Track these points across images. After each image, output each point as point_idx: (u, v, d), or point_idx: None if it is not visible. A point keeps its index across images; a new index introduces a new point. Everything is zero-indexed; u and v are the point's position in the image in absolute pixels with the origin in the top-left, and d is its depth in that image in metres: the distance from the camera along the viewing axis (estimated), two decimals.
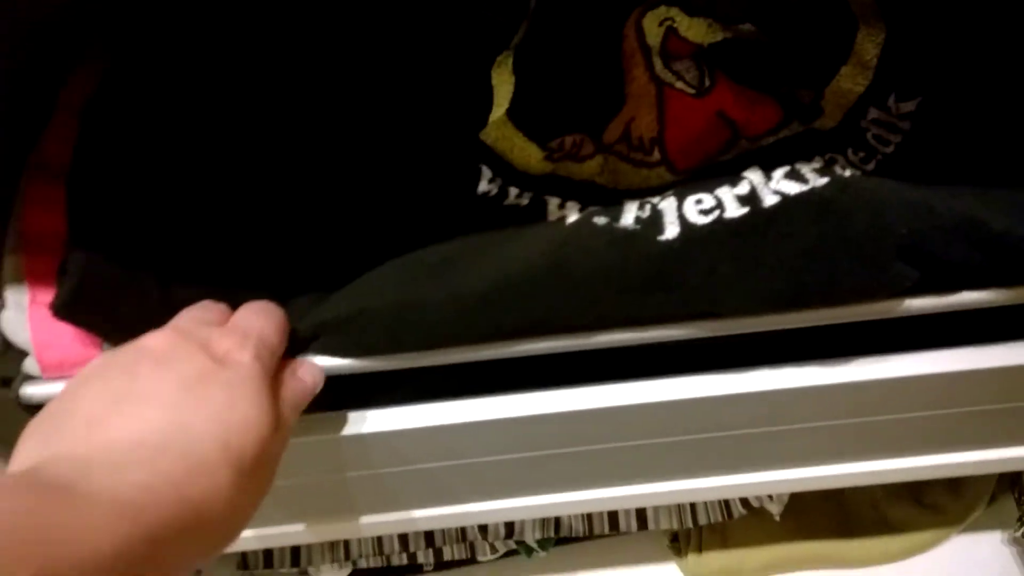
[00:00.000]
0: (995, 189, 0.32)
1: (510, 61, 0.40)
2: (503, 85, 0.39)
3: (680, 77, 0.35)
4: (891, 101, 0.34)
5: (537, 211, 0.33)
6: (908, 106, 0.34)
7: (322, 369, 0.32)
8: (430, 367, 0.32)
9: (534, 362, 0.33)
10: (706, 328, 0.31)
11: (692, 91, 0.34)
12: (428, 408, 0.34)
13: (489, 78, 0.40)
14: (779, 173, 0.31)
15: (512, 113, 0.37)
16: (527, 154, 0.36)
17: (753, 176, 0.32)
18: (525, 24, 0.40)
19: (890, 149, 0.33)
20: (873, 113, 0.34)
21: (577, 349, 0.32)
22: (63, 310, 0.32)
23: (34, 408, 0.32)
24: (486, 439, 0.35)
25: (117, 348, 0.28)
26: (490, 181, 0.36)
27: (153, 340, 0.27)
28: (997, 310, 0.32)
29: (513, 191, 0.35)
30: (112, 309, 0.32)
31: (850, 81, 0.34)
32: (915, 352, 0.33)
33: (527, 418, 0.34)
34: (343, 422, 0.35)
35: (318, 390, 0.32)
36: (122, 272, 0.32)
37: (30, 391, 0.33)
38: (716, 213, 0.31)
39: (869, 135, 0.33)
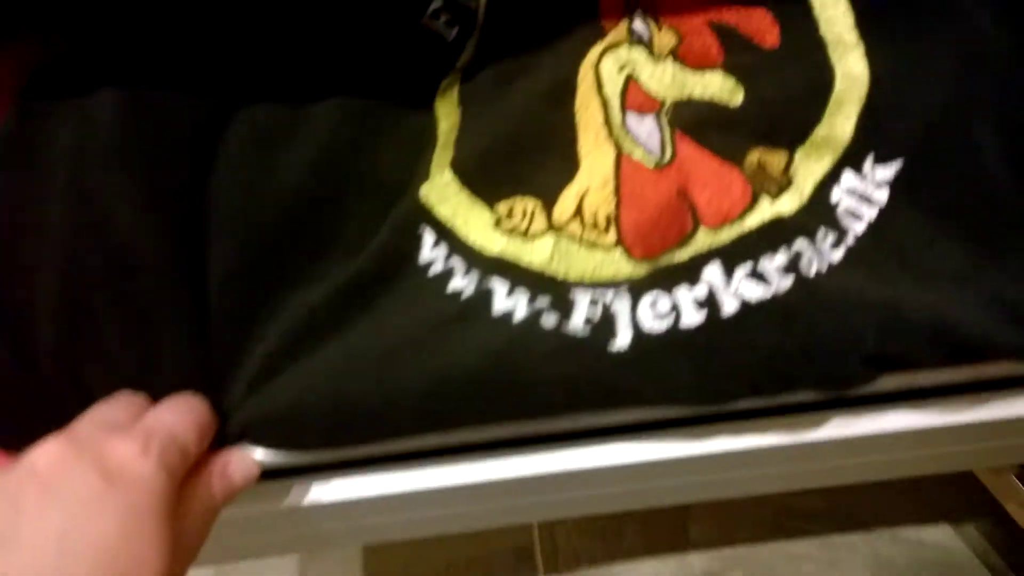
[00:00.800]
0: (978, 271, 0.29)
1: (456, 90, 0.36)
2: (447, 118, 0.36)
3: (639, 143, 0.31)
4: (868, 165, 0.31)
5: (482, 302, 0.31)
6: (886, 172, 0.30)
7: (255, 463, 0.31)
8: None
9: None
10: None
11: (652, 162, 0.31)
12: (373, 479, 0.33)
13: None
14: (740, 273, 0.29)
15: (456, 163, 0.34)
16: (474, 224, 0.33)
17: (713, 276, 0.29)
18: (474, 40, 0.36)
19: (862, 227, 0.30)
20: (847, 179, 0.30)
21: (520, 436, 0.31)
22: None
23: None
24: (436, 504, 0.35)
25: (5, 468, 0.26)
26: (434, 247, 0.33)
27: (43, 457, 0.25)
28: None
29: (458, 268, 0.32)
30: (22, 434, 0.30)
31: (827, 139, 0.31)
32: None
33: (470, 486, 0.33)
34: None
35: (251, 484, 0.31)
36: (29, 394, 0.31)
37: None
38: (672, 318, 0.29)
39: (840, 209, 0.30)
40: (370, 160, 0.35)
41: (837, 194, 0.30)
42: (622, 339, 0.29)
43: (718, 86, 0.31)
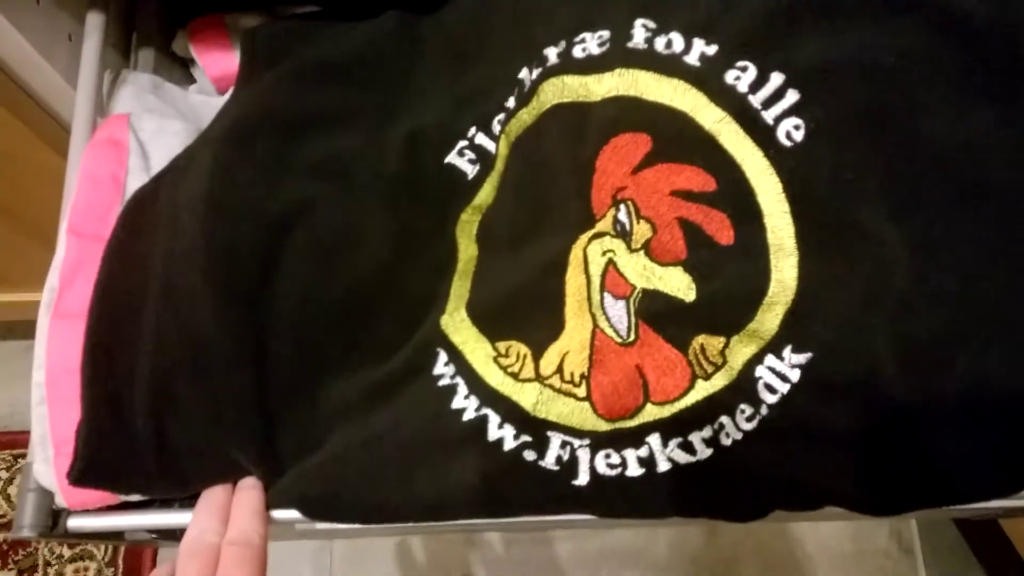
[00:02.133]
0: (871, 454, 0.39)
1: (475, 227, 0.44)
2: (466, 250, 0.44)
3: (611, 323, 0.40)
4: (787, 352, 0.40)
5: (480, 427, 0.41)
6: (800, 358, 0.40)
7: None
8: None
9: None
10: None
11: (619, 340, 0.40)
12: None
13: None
14: (673, 444, 0.39)
15: (470, 306, 0.43)
16: (478, 354, 0.42)
17: (653, 442, 0.39)
18: (492, 181, 0.44)
19: (775, 399, 0.39)
20: (769, 360, 0.40)
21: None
22: (76, 482, 0.41)
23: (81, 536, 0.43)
24: None
25: None
26: (445, 364, 0.43)
27: None
28: None
29: (461, 389, 0.42)
30: (115, 479, 0.41)
31: (756, 331, 0.39)
32: None
33: None
34: None
35: None
36: (122, 447, 0.41)
37: (73, 523, 0.44)
38: (620, 469, 0.39)
39: (761, 383, 0.39)
40: (404, 274, 0.44)
41: (759, 371, 0.39)
42: (582, 479, 0.39)
43: (676, 284, 0.39)
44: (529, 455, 0.39)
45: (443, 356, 0.42)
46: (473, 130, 0.46)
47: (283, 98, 0.45)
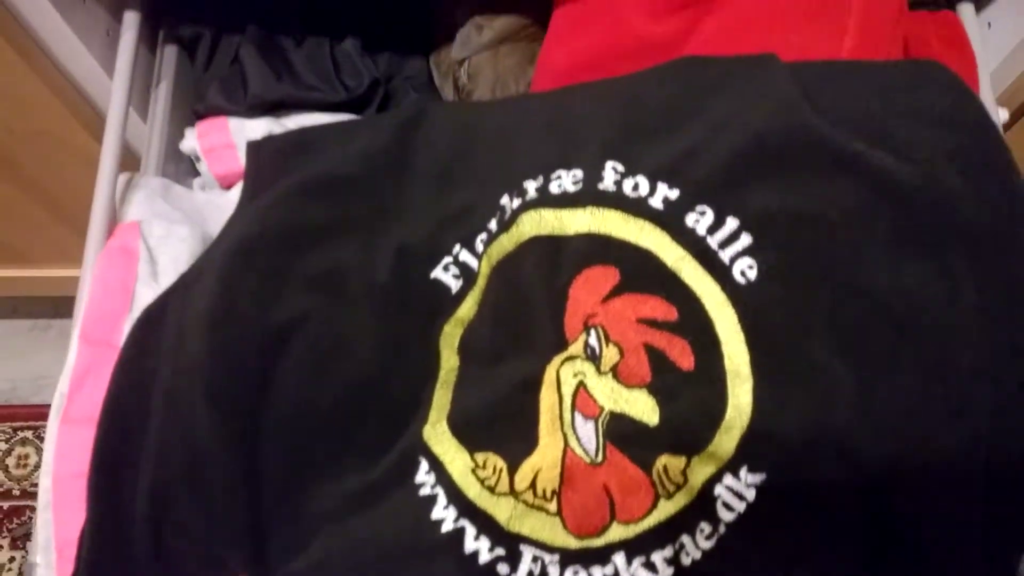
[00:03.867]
0: (823, 571, 0.42)
1: (457, 339, 0.48)
2: (448, 360, 0.48)
3: (580, 443, 0.43)
4: (743, 472, 0.43)
5: (457, 539, 0.44)
6: (756, 478, 0.43)
7: None
8: None
9: None
10: None
11: (588, 460, 0.43)
12: None
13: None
14: (637, 563, 0.42)
15: (451, 418, 0.46)
16: (457, 465, 0.45)
17: (618, 561, 0.42)
18: (474, 297, 0.48)
19: (733, 517, 0.43)
20: (727, 480, 0.43)
21: None
22: None
23: None
24: None
25: None
26: (426, 473, 0.46)
27: None
28: None
29: (440, 499, 0.45)
30: None
31: (715, 453, 0.43)
32: None
33: None
34: None
35: None
36: (122, 554, 0.44)
37: None
38: None
39: (719, 503, 0.43)
40: (390, 382, 0.47)
41: (718, 490, 0.42)
42: None
43: (642, 407, 0.43)
44: (503, 568, 0.42)
45: (424, 465, 0.45)
46: (458, 247, 0.49)
47: (284, 215, 0.49)
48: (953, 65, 0.54)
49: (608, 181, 0.45)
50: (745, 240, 0.42)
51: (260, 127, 0.61)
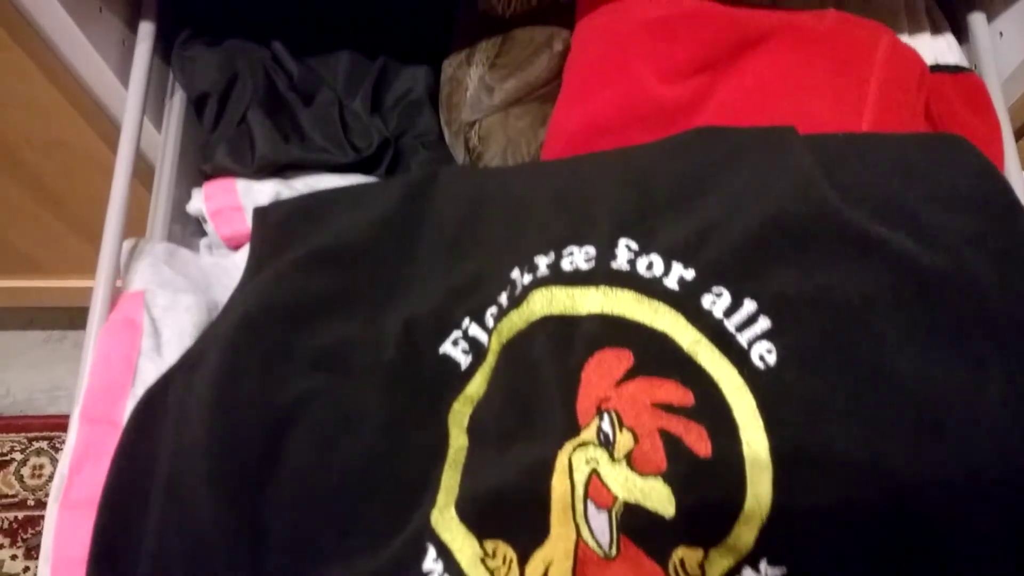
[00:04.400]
0: None
1: (467, 417, 0.46)
2: (457, 439, 0.46)
3: (593, 535, 0.42)
4: (763, 565, 0.41)
5: None
6: (776, 571, 0.41)
7: None
8: None
9: None
10: None
11: (601, 553, 0.42)
12: None
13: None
14: None
15: (459, 504, 0.45)
16: (465, 552, 0.44)
17: None
18: (483, 373, 0.46)
19: None
20: (746, 573, 0.41)
21: None
22: None
23: None
24: None
25: None
26: (434, 560, 0.45)
27: None
28: None
29: None
30: None
31: (734, 545, 0.41)
32: None
33: None
34: None
35: None
36: None
37: None
38: None
39: None
40: (397, 462, 0.46)
41: None
42: None
43: (657, 497, 0.41)
44: None
45: (432, 552, 0.44)
46: (467, 321, 0.48)
47: (289, 290, 0.48)
48: (978, 132, 0.53)
49: (621, 259, 0.43)
50: (763, 323, 0.41)
51: (268, 189, 0.60)
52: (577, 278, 0.44)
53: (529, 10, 0.63)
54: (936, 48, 0.63)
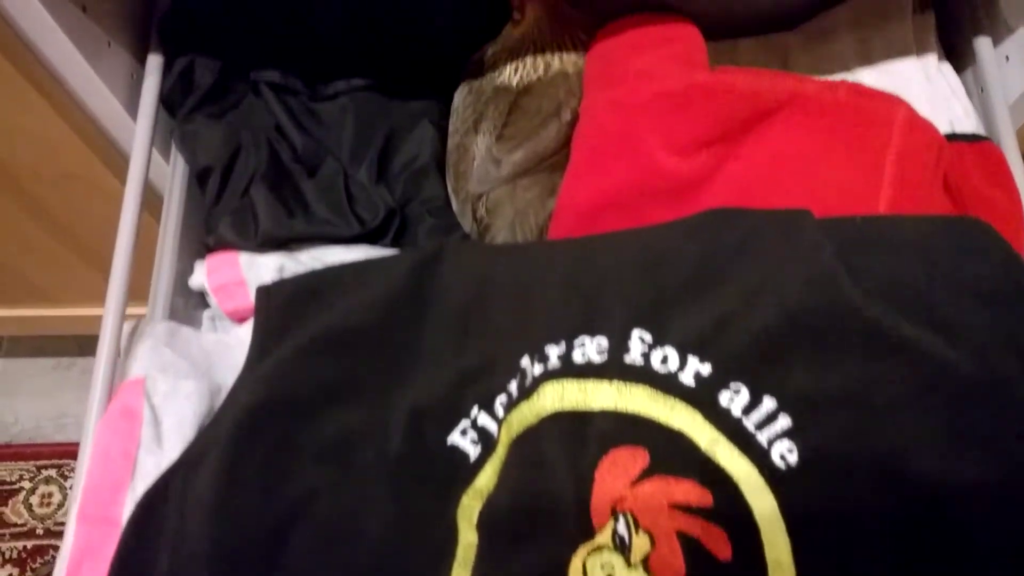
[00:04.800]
0: None
1: (476, 512, 0.45)
2: (465, 535, 0.45)
3: None
4: None
5: None
6: None
7: None
8: None
9: None
10: None
11: None
12: None
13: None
14: None
15: None
16: None
17: None
18: (493, 464, 0.45)
19: None
20: None
21: None
22: None
23: None
24: None
25: None
26: None
27: None
28: None
29: None
30: None
31: None
32: None
33: None
34: None
35: None
36: None
37: None
38: None
39: None
40: (404, 560, 0.44)
41: None
42: None
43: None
44: None
45: None
46: (475, 409, 0.47)
47: (292, 381, 0.46)
48: (999, 205, 0.52)
49: (635, 353, 0.42)
50: (784, 422, 0.39)
51: (272, 263, 0.59)
52: (589, 371, 0.43)
53: (536, 78, 0.62)
54: (952, 113, 0.62)
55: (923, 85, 0.63)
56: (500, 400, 0.46)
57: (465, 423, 0.47)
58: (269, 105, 0.63)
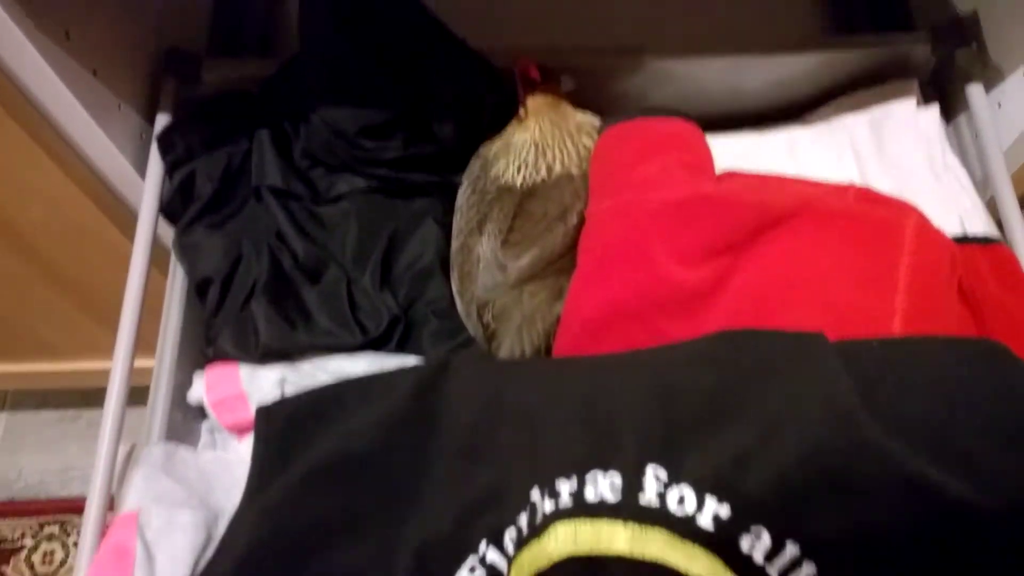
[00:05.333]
0: None
1: None
2: None
3: None
4: None
5: None
6: None
7: None
8: None
9: None
10: None
11: None
12: None
13: None
14: None
15: None
16: None
17: None
18: None
19: None
20: None
21: None
22: None
23: None
24: None
25: None
26: None
27: None
28: None
29: None
30: None
31: None
32: None
33: None
34: None
35: None
36: None
37: None
38: None
39: None
40: None
41: None
42: None
43: None
44: None
45: None
46: (484, 544, 0.45)
47: (294, 516, 0.45)
48: (1015, 312, 0.51)
49: (650, 492, 0.40)
50: (808, 569, 0.38)
51: (273, 375, 0.58)
52: (603, 510, 0.41)
53: (540, 180, 0.61)
54: (961, 207, 0.61)
55: (931, 182, 0.62)
56: (510, 535, 0.45)
57: (473, 559, 0.45)
58: (271, 210, 0.62)
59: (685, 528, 0.39)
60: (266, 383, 0.58)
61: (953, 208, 0.61)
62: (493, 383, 0.50)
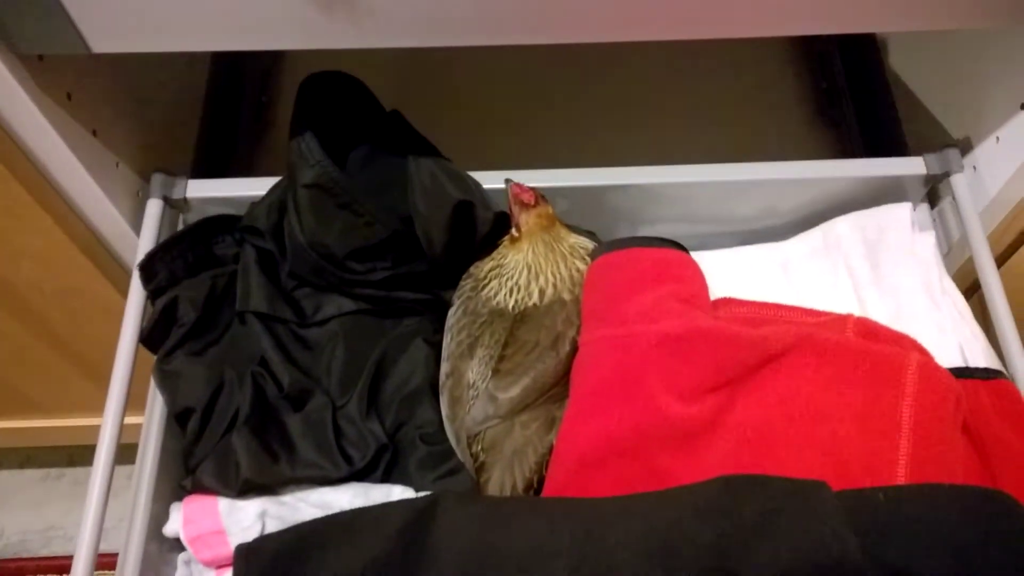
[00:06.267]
0: None
1: None
2: None
3: None
4: None
5: None
6: None
7: None
8: None
9: None
10: None
11: None
12: None
13: None
14: None
15: None
16: None
17: None
18: None
19: None
20: None
21: None
22: None
23: None
24: None
25: None
26: None
27: None
28: None
29: None
30: None
31: None
32: None
33: None
34: None
35: None
36: None
37: None
38: None
39: None
40: None
41: None
42: None
43: None
44: None
45: None
46: None
47: None
48: (1019, 453, 0.49)
49: None
50: None
51: (253, 509, 0.56)
52: None
53: (532, 305, 0.60)
54: (961, 336, 0.60)
55: (929, 308, 0.61)
56: None
57: None
58: (255, 334, 0.60)
59: None
60: (246, 518, 0.55)
61: (952, 336, 0.60)
62: (482, 527, 0.48)
